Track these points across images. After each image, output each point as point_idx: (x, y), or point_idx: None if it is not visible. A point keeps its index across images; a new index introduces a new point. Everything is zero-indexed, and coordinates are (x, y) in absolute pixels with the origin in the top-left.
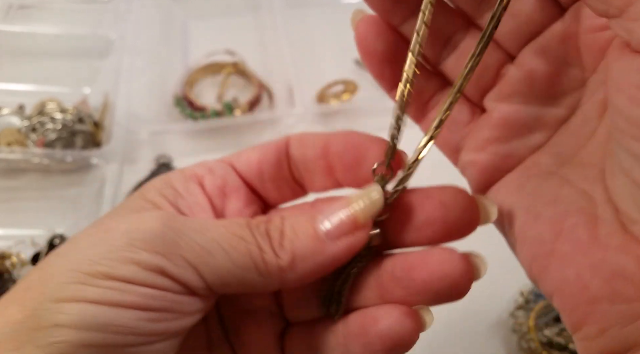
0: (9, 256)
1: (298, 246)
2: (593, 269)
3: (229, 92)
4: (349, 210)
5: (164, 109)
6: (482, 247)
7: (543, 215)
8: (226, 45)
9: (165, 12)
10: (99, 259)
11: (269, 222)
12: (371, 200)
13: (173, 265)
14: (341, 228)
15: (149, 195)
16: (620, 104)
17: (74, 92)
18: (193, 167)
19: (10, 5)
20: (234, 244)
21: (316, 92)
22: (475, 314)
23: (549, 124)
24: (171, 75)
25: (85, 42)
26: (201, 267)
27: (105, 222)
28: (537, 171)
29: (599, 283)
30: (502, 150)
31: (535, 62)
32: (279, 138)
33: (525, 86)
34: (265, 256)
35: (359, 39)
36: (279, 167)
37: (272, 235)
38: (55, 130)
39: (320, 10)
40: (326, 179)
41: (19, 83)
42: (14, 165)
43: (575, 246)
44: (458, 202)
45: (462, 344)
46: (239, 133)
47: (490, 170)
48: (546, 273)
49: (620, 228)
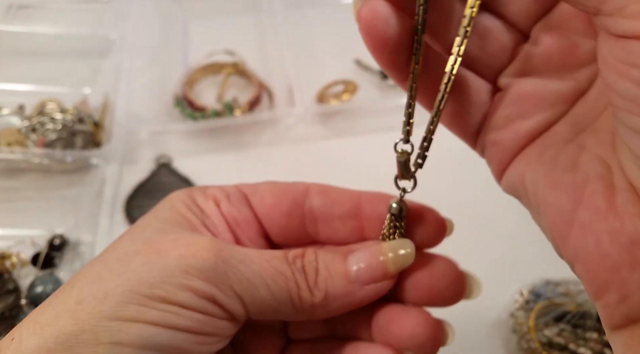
0: (9, 256)
1: (331, 286)
2: (612, 237)
3: (229, 92)
4: (382, 258)
5: (164, 109)
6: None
7: (562, 181)
8: (226, 45)
9: (165, 12)
10: (157, 283)
11: (304, 257)
12: (404, 254)
13: (223, 295)
14: (372, 276)
15: (180, 209)
16: (611, 80)
17: (74, 92)
18: (212, 188)
19: (10, 5)
20: (276, 279)
21: (316, 92)
22: (475, 314)
23: (567, 97)
24: (171, 75)
25: (85, 42)
26: (246, 298)
27: (152, 240)
28: (554, 140)
29: (619, 251)
30: (523, 126)
31: (548, 37)
32: (298, 186)
33: (541, 61)
34: (301, 293)
35: (365, 26)
36: (289, 217)
37: (307, 272)
38: (55, 130)
39: (320, 10)
40: (349, 236)
41: (19, 83)
42: (14, 165)
43: (594, 215)
44: (447, 275)
45: (462, 344)
46: (239, 133)
47: (513, 147)
48: (567, 241)
49: (636, 197)
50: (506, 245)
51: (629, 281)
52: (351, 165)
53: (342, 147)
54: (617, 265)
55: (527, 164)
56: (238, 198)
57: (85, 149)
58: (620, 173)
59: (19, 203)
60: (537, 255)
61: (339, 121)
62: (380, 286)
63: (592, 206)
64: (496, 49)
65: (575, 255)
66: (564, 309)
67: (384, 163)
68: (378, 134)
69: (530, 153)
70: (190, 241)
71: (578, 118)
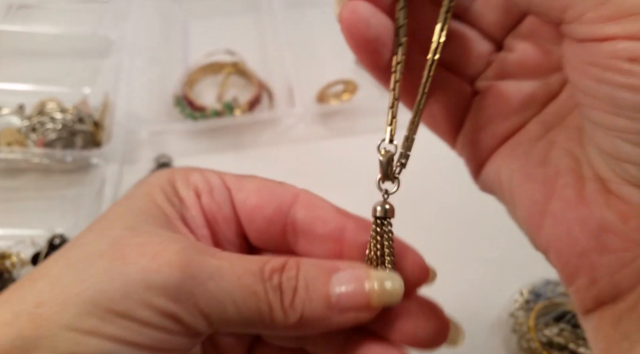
0: (9, 256)
1: (308, 309)
2: (581, 224)
3: (229, 92)
4: (367, 288)
5: (164, 109)
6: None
7: (535, 175)
8: (226, 45)
9: (165, 12)
10: (118, 298)
11: (284, 271)
12: (391, 290)
13: (187, 313)
14: (353, 304)
15: (158, 198)
16: (575, 79)
17: (74, 92)
18: (195, 177)
19: (10, 5)
20: (246, 298)
21: (316, 92)
22: (475, 314)
23: (540, 99)
24: (171, 75)
25: (85, 42)
26: (212, 316)
27: (119, 241)
28: (527, 137)
29: (588, 237)
30: (500, 127)
31: (521, 45)
32: (286, 191)
33: (515, 67)
34: (273, 315)
35: (346, 27)
36: (271, 224)
37: (284, 291)
38: (55, 130)
39: (320, 10)
40: (327, 257)
41: (19, 83)
42: (14, 165)
43: (565, 205)
44: (432, 322)
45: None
46: (239, 133)
47: (490, 145)
48: (540, 231)
49: (602, 187)
50: (506, 244)
51: (597, 265)
52: (351, 165)
53: (342, 147)
54: (586, 251)
55: (502, 161)
56: (221, 194)
57: (85, 149)
58: (588, 166)
59: (19, 203)
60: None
61: (339, 121)
62: (361, 316)
63: (563, 197)
64: (473, 55)
65: (548, 243)
66: (564, 309)
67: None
68: (378, 134)
69: (504, 150)
70: (157, 249)
71: (549, 118)
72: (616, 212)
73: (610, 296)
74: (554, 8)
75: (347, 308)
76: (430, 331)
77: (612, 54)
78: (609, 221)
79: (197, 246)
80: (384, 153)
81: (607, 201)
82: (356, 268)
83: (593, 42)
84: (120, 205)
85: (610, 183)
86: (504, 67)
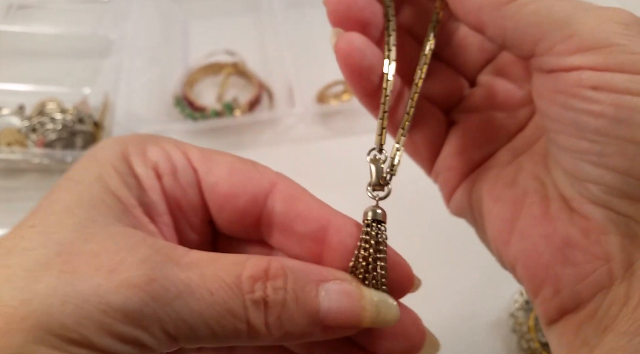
0: None
1: (293, 326)
2: (547, 240)
3: (229, 92)
4: (359, 308)
5: (164, 109)
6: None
7: (503, 196)
8: (226, 45)
9: (165, 12)
10: (71, 324)
11: (269, 280)
12: (385, 317)
13: (151, 338)
14: (341, 323)
15: (111, 182)
16: (543, 107)
17: (74, 92)
18: (154, 152)
19: (10, 5)
20: (220, 320)
21: (316, 92)
22: (475, 314)
23: (510, 131)
24: (171, 75)
25: (85, 42)
26: (181, 338)
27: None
28: (496, 163)
29: (552, 251)
30: (473, 155)
31: (493, 81)
32: (263, 178)
33: (487, 101)
34: (253, 333)
35: (342, 57)
36: (244, 215)
37: (270, 305)
38: (55, 130)
39: (320, 11)
40: (304, 257)
41: (19, 83)
42: (14, 165)
43: (531, 222)
44: (410, 330)
45: (462, 344)
46: (239, 133)
47: (463, 171)
48: (508, 247)
49: (566, 206)
50: None
51: (561, 277)
52: (351, 165)
53: (342, 147)
54: (551, 263)
55: (472, 184)
56: (186, 176)
57: (85, 149)
58: (553, 187)
59: (19, 203)
60: None
61: (339, 121)
62: (346, 333)
63: (530, 215)
64: (449, 90)
65: (516, 257)
66: None
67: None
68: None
69: (475, 175)
70: (114, 262)
71: (517, 146)
72: (578, 228)
73: (572, 306)
74: (527, 42)
75: (334, 326)
76: (408, 343)
77: (578, 82)
78: (572, 236)
79: (160, 253)
80: (374, 160)
81: (571, 219)
82: (345, 281)
83: (560, 72)
84: (68, 191)
85: (573, 202)
86: (477, 101)
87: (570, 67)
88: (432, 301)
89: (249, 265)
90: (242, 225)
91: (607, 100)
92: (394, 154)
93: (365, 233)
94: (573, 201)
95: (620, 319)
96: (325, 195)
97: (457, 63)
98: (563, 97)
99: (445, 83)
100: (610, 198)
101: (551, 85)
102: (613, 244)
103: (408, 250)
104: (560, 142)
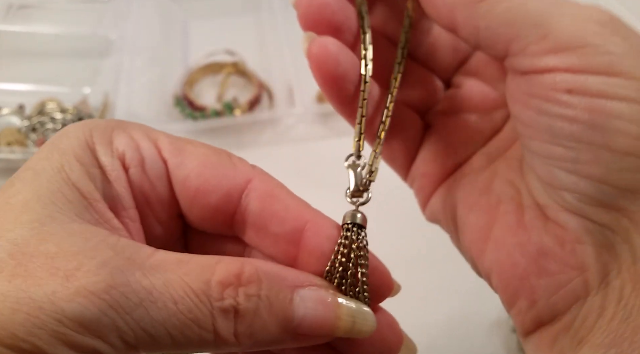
0: None
1: (264, 334)
2: (521, 249)
3: (229, 92)
4: (334, 317)
5: (164, 109)
6: None
7: (478, 204)
8: (226, 45)
9: (165, 12)
10: (23, 334)
11: (241, 285)
12: (360, 328)
13: (109, 347)
14: (314, 332)
15: (72, 174)
16: (517, 111)
17: (74, 92)
18: (121, 141)
19: (10, 5)
20: (184, 331)
21: (316, 92)
22: (475, 314)
23: (485, 134)
24: (171, 75)
25: (85, 42)
26: (140, 346)
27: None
28: (470, 169)
29: (527, 261)
30: (448, 160)
31: (467, 83)
32: (238, 174)
33: (462, 103)
34: (219, 341)
35: (315, 63)
36: (215, 212)
37: (242, 314)
38: (55, 130)
39: None
40: (277, 258)
41: (19, 83)
42: (14, 165)
43: (506, 230)
44: (387, 334)
45: (462, 344)
46: (239, 133)
47: (438, 178)
48: (483, 256)
49: (541, 214)
50: None
51: (536, 288)
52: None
53: (342, 147)
54: (526, 274)
55: (447, 191)
56: (155, 168)
57: None
58: (528, 194)
59: None
60: None
61: (339, 121)
62: (317, 342)
63: (504, 224)
64: (424, 92)
65: (491, 267)
66: None
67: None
68: None
69: (450, 182)
70: (71, 266)
71: (492, 150)
72: (553, 237)
73: (548, 317)
74: (500, 41)
75: (307, 334)
76: (384, 346)
77: (552, 85)
78: (547, 245)
79: (122, 256)
80: (352, 166)
81: (545, 227)
82: (322, 288)
83: (534, 74)
84: (26, 183)
85: (548, 210)
86: (452, 103)
87: (544, 69)
88: (432, 301)
89: (220, 269)
90: (213, 222)
91: (581, 104)
92: (372, 161)
93: (344, 238)
94: (548, 209)
95: (596, 331)
96: (325, 195)
97: (430, 64)
98: (537, 100)
99: (420, 85)
100: (585, 207)
101: (525, 88)
102: (588, 254)
103: (408, 249)
104: (534, 147)
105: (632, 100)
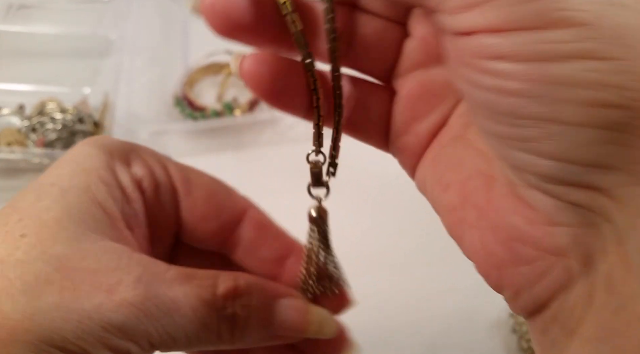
0: None
1: (252, 336)
2: (493, 233)
3: (229, 92)
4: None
5: (164, 109)
6: None
7: (450, 181)
8: (226, 45)
9: (165, 12)
10: (72, 338)
11: (236, 298)
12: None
13: (138, 348)
14: (289, 334)
15: (99, 195)
16: (454, 81)
17: (74, 92)
18: (137, 166)
19: (10, 5)
20: (198, 333)
21: None
22: (475, 314)
23: (454, 87)
24: (171, 75)
25: (85, 42)
26: (162, 348)
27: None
28: (448, 138)
29: (501, 248)
30: (421, 128)
31: (422, 27)
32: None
33: (421, 54)
34: (219, 342)
35: (250, 80)
36: (213, 235)
37: (237, 321)
38: (55, 130)
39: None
40: (262, 272)
41: (19, 83)
42: (14, 165)
43: (477, 212)
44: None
45: (462, 344)
46: (239, 133)
47: (417, 150)
48: (463, 241)
49: (511, 191)
50: None
51: (515, 277)
52: (351, 164)
53: (342, 147)
54: (503, 262)
55: (426, 168)
56: (166, 194)
57: None
58: (498, 167)
59: None
60: None
61: None
62: (289, 341)
63: (474, 204)
64: (380, 50)
65: (470, 255)
66: None
67: (382, 162)
68: None
69: (428, 155)
70: (113, 281)
71: (465, 111)
72: (523, 217)
73: (534, 308)
74: None
75: (283, 335)
76: (331, 345)
77: (478, 51)
78: (517, 228)
79: (149, 271)
80: (313, 164)
81: (514, 206)
82: (297, 298)
83: (460, 37)
84: (55, 201)
85: (518, 188)
86: (410, 57)
87: (467, 29)
88: (432, 300)
89: (221, 283)
90: (209, 242)
91: (515, 72)
92: (332, 155)
93: (309, 232)
94: (518, 187)
95: (586, 322)
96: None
97: (375, 10)
98: (466, 70)
99: (371, 45)
100: (553, 187)
101: (454, 55)
102: (564, 236)
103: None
104: (480, 124)
105: (579, 56)
